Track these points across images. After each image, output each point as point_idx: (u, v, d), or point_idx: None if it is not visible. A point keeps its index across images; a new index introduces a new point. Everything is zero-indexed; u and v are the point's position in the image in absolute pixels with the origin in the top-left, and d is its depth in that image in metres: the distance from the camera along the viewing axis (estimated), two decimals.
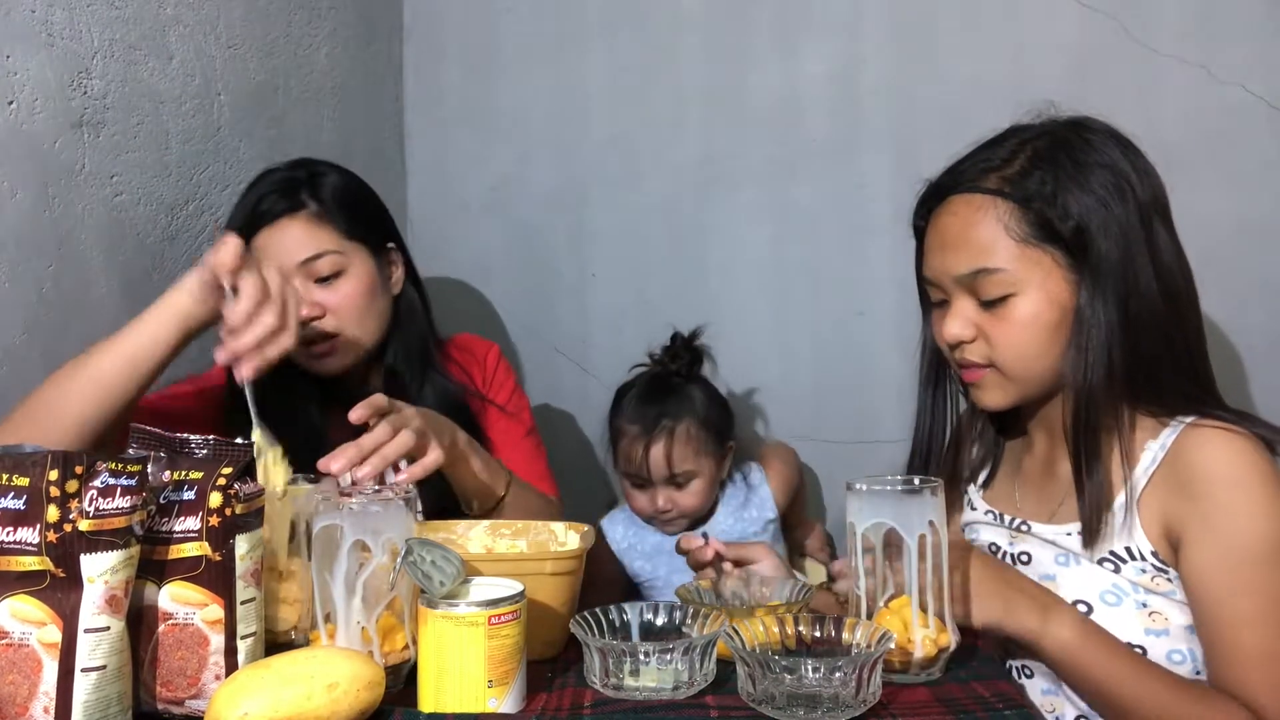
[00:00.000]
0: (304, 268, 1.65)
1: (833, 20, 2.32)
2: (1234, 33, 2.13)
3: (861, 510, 1.24)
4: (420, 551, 1.12)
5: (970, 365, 1.38)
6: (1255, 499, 1.26)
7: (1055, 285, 1.33)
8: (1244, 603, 1.25)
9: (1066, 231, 1.31)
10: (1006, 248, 1.32)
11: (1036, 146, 1.36)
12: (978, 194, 1.35)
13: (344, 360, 1.69)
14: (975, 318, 1.36)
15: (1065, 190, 1.31)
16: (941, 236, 1.38)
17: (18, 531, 0.99)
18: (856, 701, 1.07)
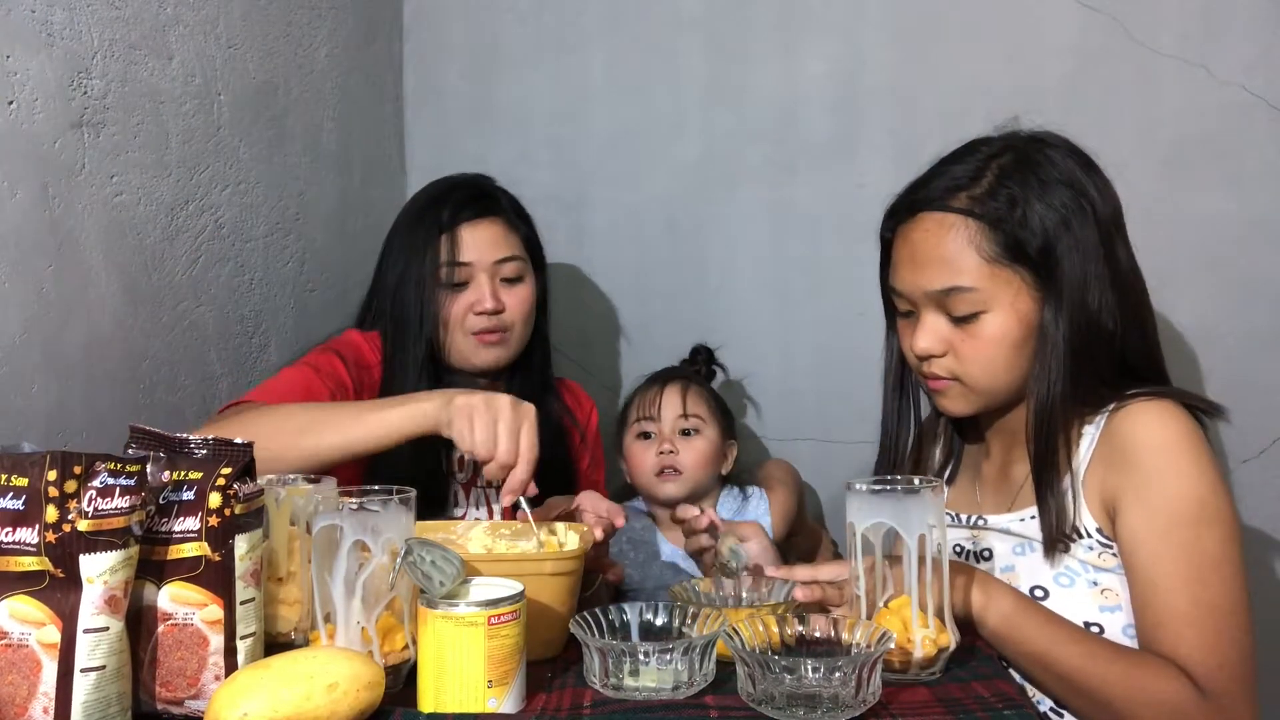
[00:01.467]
0: (496, 266, 1.82)
1: (833, 20, 2.32)
2: (1234, 33, 2.13)
3: (861, 510, 1.24)
4: (420, 551, 1.12)
5: (936, 377, 1.43)
6: (1182, 463, 1.31)
7: (1023, 304, 1.37)
8: (1173, 565, 1.29)
9: (1034, 251, 1.36)
10: (977, 267, 1.36)
11: (1002, 164, 1.40)
12: (949, 213, 1.39)
13: (504, 353, 1.84)
14: (945, 333, 1.40)
15: (1032, 210, 1.36)
16: (912, 252, 1.42)
17: (17, 532, 0.99)
18: (856, 701, 1.07)
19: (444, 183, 1.91)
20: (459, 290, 1.81)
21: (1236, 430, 2.16)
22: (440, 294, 1.80)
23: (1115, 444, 1.35)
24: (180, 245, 1.75)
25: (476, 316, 1.80)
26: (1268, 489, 2.15)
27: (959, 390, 1.43)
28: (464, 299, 1.80)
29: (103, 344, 1.58)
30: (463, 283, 1.81)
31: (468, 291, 1.81)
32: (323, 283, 2.17)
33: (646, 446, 2.01)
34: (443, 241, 1.80)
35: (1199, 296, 2.17)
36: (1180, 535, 1.29)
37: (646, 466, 2.00)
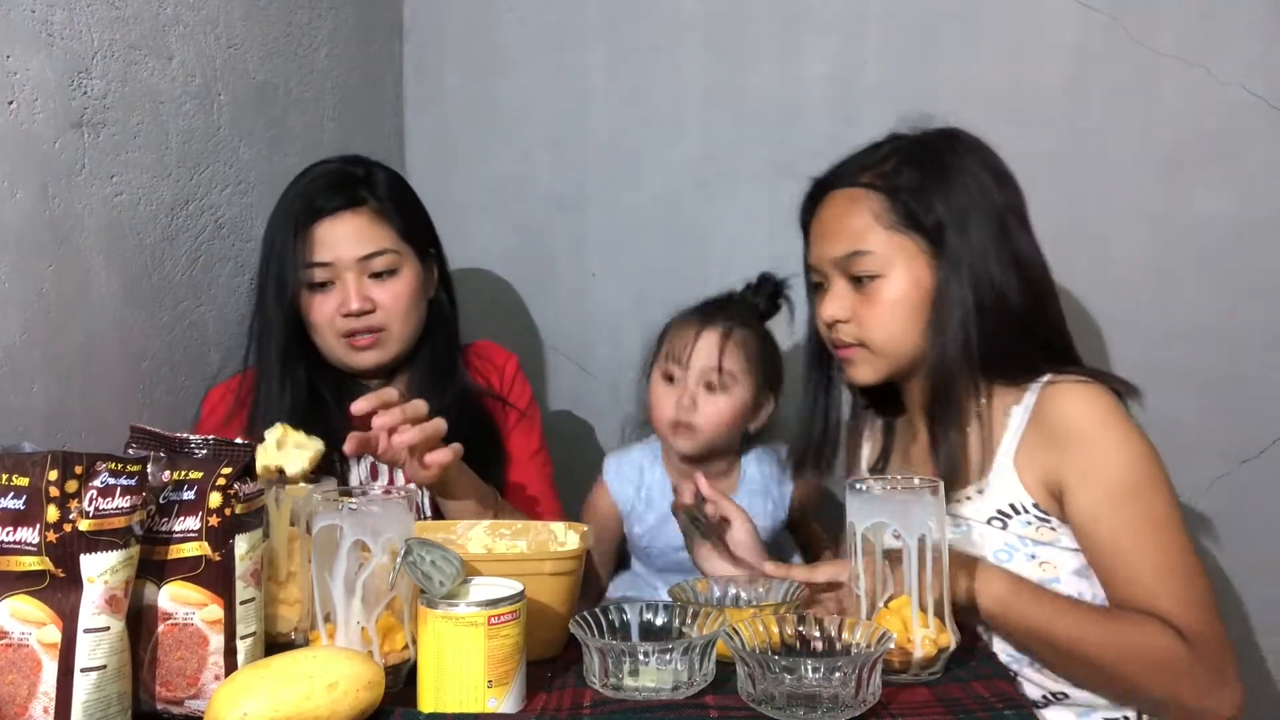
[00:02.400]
0: (361, 262, 1.69)
1: (833, 20, 2.32)
2: (1234, 33, 2.13)
3: (861, 510, 1.24)
4: (420, 551, 1.12)
5: (844, 344, 1.51)
6: (1117, 439, 1.38)
7: (919, 269, 1.46)
8: (1130, 533, 1.36)
9: (929, 223, 1.45)
10: (876, 233, 1.46)
11: (909, 151, 1.50)
12: (854, 188, 1.50)
13: (382, 355, 1.73)
14: (849, 300, 1.49)
15: (929, 187, 1.46)
16: (822, 226, 1.53)
17: (17, 531, 1.00)
18: (856, 701, 1.08)
19: (311, 170, 1.77)
20: (324, 291, 1.70)
21: (1236, 430, 2.16)
22: (306, 295, 1.70)
23: (1048, 424, 1.41)
24: (180, 245, 1.75)
25: (344, 319, 1.69)
26: (1268, 489, 2.15)
27: (864, 356, 1.50)
28: (330, 301, 1.69)
29: (103, 344, 1.58)
30: (327, 282, 1.70)
31: (333, 292, 1.69)
32: None
33: (668, 392, 1.88)
34: (302, 240, 1.68)
35: (1199, 296, 2.17)
36: (1133, 506, 1.36)
37: (663, 414, 1.88)
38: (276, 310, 1.69)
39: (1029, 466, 1.42)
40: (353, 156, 1.80)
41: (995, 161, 1.51)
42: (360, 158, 1.80)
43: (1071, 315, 2.19)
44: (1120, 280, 2.20)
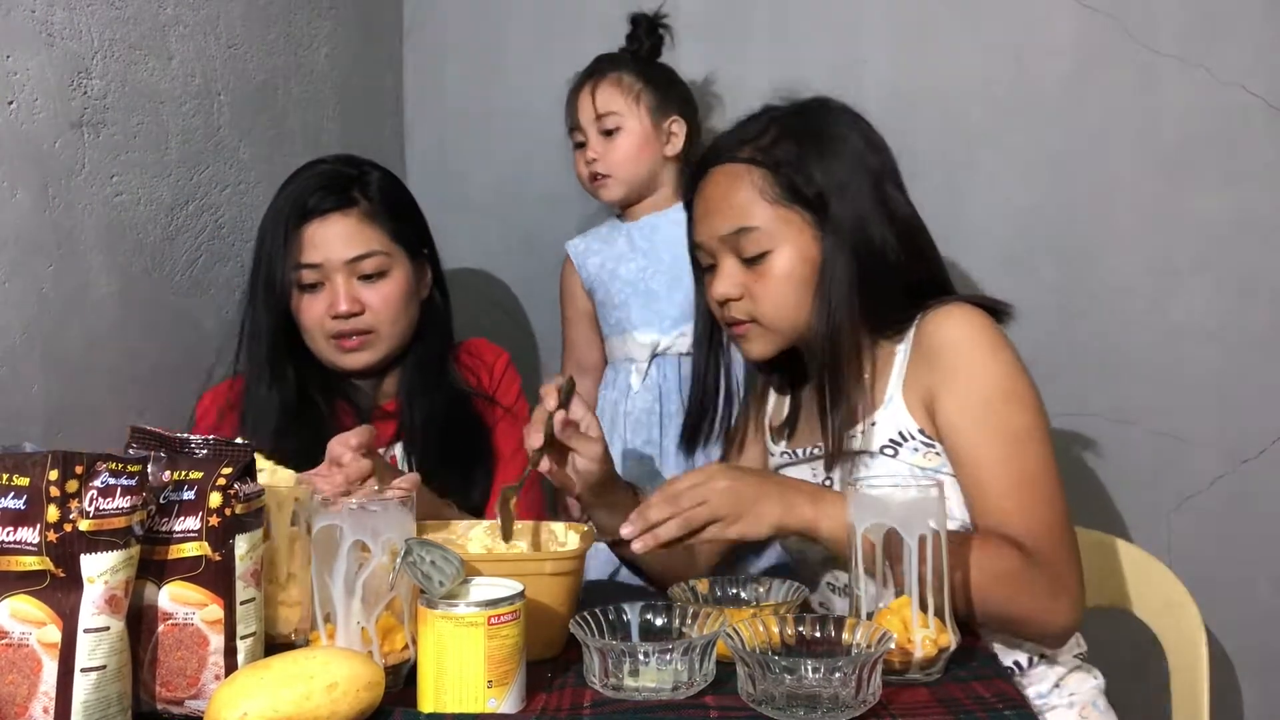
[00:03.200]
0: (351, 264, 1.69)
1: (833, 20, 2.32)
2: (1234, 33, 2.13)
3: (861, 510, 1.24)
4: (420, 552, 1.12)
5: (736, 321, 1.51)
6: (984, 351, 1.42)
7: (806, 242, 1.47)
8: (988, 445, 1.39)
9: (811, 194, 1.46)
10: (762, 209, 1.47)
11: (784, 122, 1.52)
12: (735, 163, 1.50)
13: (371, 357, 1.72)
14: (740, 277, 1.49)
15: (808, 158, 1.47)
16: (705, 204, 1.52)
17: (18, 531, 0.99)
18: (856, 702, 1.07)
19: (303, 171, 1.76)
20: (314, 292, 1.69)
21: (1236, 430, 2.16)
22: (295, 296, 1.70)
23: (924, 345, 1.45)
24: (180, 245, 1.76)
25: (334, 320, 1.69)
26: (1268, 489, 2.15)
27: (757, 332, 1.51)
28: (319, 301, 1.69)
29: (103, 344, 1.58)
30: (317, 284, 1.69)
31: (323, 294, 1.69)
32: None
33: (580, 156, 2.06)
34: (292, 242, 1.67)
35: (1199, 296, 2.17)
36: (991, 417, 1.40)
37: (582, 175, 2.08)
38: (266, 311, 1.69)
39: (912, 391, 1.46)
40: (346, 156, 1.79)
41: (867, 127, 1.54)
42: (354, 158, 1.79)
43: (1071, 315, 2.21)
44: (1120, 280, 2.20)
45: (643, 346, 2.06)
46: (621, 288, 2.10)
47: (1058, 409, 2.20)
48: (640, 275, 2.09)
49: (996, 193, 2.24)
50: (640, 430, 2.04)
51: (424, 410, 1.71)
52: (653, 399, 2.05)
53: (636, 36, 2.12)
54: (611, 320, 2.12)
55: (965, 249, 2.23)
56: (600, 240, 2.17)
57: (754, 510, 1.34)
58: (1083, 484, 2.22)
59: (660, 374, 2.06)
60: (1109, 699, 1.51)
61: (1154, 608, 1.75)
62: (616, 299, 2.10)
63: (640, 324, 2.08)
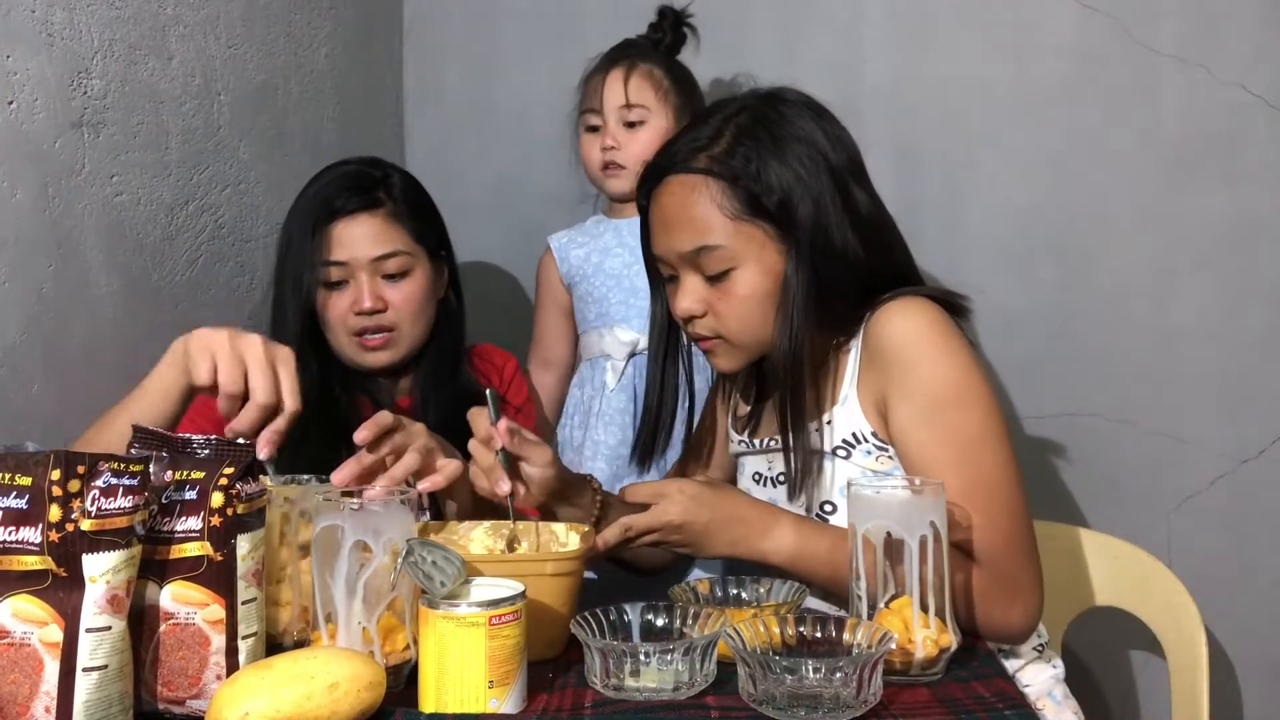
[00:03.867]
0: (375, 263, 1.73)
1: (833, 20, 2.32)
2: (1234, 33, 2.13)
3: (862, 511, 1.24)
4: (421, 552, 1.12)
5: (702, 338, 1.48)
6: (933, 351, 1.38)
7: (770, 257, 1.42)
8: (941, 449, 1.36)
9: (772, 205, 1.40)
10: (722, 225, 1.41)
11: (739, 123, 1.44)
12: (691, 174, 1.42)
13: (392, 356, 1.76)
14: (703, 293, 1.44)
15: (766, 165, 1.40)
16: (663, 216, 1.46)
17: (20, 531, 0.99)
18: (857, 702, 1.07)
19: (329, 171, 1.81)
20: (339, 289, 1.74)
21: (1236, 430, 2.17)
22: (320, 293, 1.73)
23: (874, 345, 1.42)
24: (180, 245, 1.76)
25: (357, 317, 1.73)
26: (1268, 489, 2.15)
27: (724, 348, 1.47)
28: (344, 299, 1.73)
29: (103, 344, 1.58)
30: (342, 281, 1.74)
31: (347, 291, 1.73)
32: None
33: (592, 140, 2.03)
34: (318, 239, 1.71)
35: (1199, 296, 2.17)
36: (943, 419, 1.36)
37: (592, 161, 2.05)
38: (293, 306, 1.72)
39: (865, 392, 1.43)
40: (370, 159, 1.83)
41: (828, 120, 1.47)
42: (378, 160, 1.82)
43: (1071, 315, 2.21)
44: (1120, 280, 2.20)
45: (622, 344, 2.05)
46: (604, 280, 2.09)
47: (1058, 409, 2.23)
48: (625, 270, 2.08)
49: (996, 193, 2.24)
50: (613, 429, 2.04)
51: (439, 409, 1.74)
52: (627, 399, 2.04)
53: (661, 29, 2.10)
54: (591, 315, 2.11)
55: (965, 249, 2.23)
56: (585, 234, 2.16)
57: (700, 543, 1.39)
58: (1083, 484, 2.22)
59: (636, 373, 2.04)
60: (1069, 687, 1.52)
61: (1154, 608, 1.75)
62: (598, 292, 2.09)
63: (620, 319, 2.06)
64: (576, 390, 2.12)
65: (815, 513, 1.47)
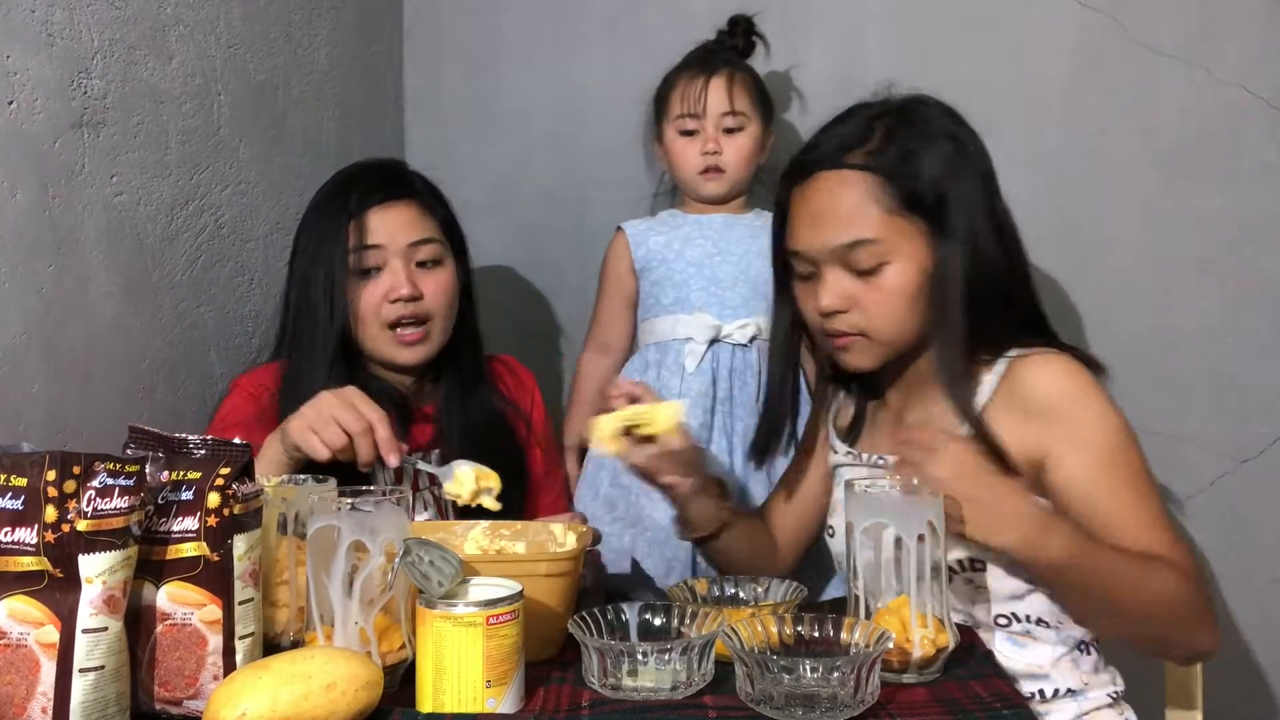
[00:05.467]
0: (411, 249, 1.71)
1: (833, 20, 2.32)
2: (1234, 33, 2.13)
3: (859, 510, 1.24)
4: (418, 551, 1.13)
5: (841, 334, 1.46)
6: (1097, 406, 1.40)
7: (921, 252, 1.42)
8: (1125, 489, 1.38)
9: (929, 200, 1.41)
10: (878, 219, 1.41)
11: (886, 122, 1.46)
12: (844, 169, 1.43)
13: (427, 350, 1.73)
14: (848, 288, 1.44)
15: (921, 162, 1.42)
16: (812, 211, 1.45)
17: (16, 532, 1.00)
18: (855, 701, 1.08)
19: (351, 168, 1.80)
20: (372, 277, 1.69)
21: (1236, 430, 2.16)
22: (352, 283, 1.69)
23: (1025, 395, 1.41)
24: (180, 245, 1.76)
25: (392, 305, 1.68)
26: (1268, 489, 2.15)
27: (864, 345, 1.46)
28: (377, 287, 1.69)
29: (103, 344, 1.58)
30: (375, 268, 1.70)
31: (381, 278, 1.69)
32: None
33: (689, 143, 2.08)
34: (351, 227, 1.68)
35: (1199, 296, 2.17)
36: (1119, 463, 1.39)
37: (689, 165, 2.09)
38: (323, 299, 1.68)
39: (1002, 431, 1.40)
40: (387, 158, 1.85)
41: (966, 125, 1.49)
42: (396, 160, 1.85)
43: (1071, 315, 2.21)
44: (1120, 280, 2.20)
45: (707, 327, 2.05)
46: (685, 267, 2.10)
47: None
48: (708, 259, 2.09)
49: None
50: (696, 412, 2.03)
51: (462, 417, 1.74)
52: (706, 382, 2.05)
53: (734, 35, 2.15)
54: (667, 299, 2.11)
55: None
56: (663, 224, 2.17)
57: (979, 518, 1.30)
58: None
59: (714, 359, 2.06)
60: None
61: None
62: (678, 277, 2.10)
63: (700, 305, 2.08)
64: (638, 375, 2.11)
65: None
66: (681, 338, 2.07)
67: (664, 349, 2.10)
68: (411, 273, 1.70)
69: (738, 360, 2.06)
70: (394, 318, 1.69)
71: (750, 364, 2.05)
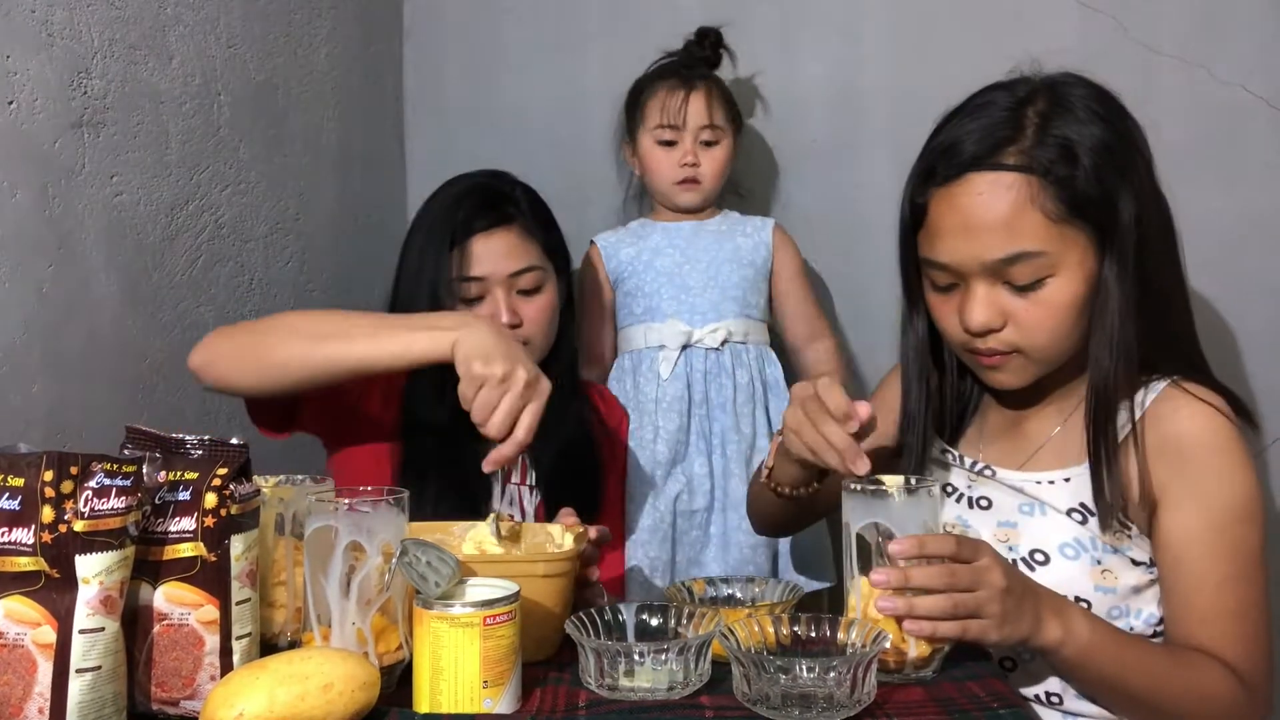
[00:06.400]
0: (511, 279, 1.72)
1: (833, 20, 2.32)
2: (1234, 33, 2.12)
3: (856, 510, 1.24)
4: (416, 552, 1.13)
5: (993, 352, 1.33)
6: (1233, 464, 1.30)
7: (1089, 262, 1.29)
8: (1225, 563, 1.29)
9: (1098, 204, 1.27)
10: (1044, 228, 1.26)
11: (1039, 110, 1.30)
12: (1000, 171, 1.27)
13: None
14: (1003, 303, 1.30)
15: (1086, 156, 1.26)
16: (963, 219, 1.28)
17: (12, 532, 1.00)
18: (851, 701, 1.07)
19: (458, 185, 1.80)
20: (474, 305, 1.73)
21: None
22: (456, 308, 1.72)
23: (1162, 434, 1.31)
24: (180, 245, 1.76)
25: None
26: (1268, 489, 2.14)
27: (1019, 363, 1.33)
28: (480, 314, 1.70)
29: (103, 344, 1.58)
30: (478, 297, 1.72)
31: (483, 306, 1.72)
32: (323, 283, 2.17)
33: (667, 154, 2.14)
34: (455, 255, 1.70)
35: (1199, 296, 2.16)
36: (1233, 534, 1.29)
37: (666, 175, 2.16)
38: None
39: (1127, 469, 1.32)
40: (495, 171, 1.81)
41: (1122, 106, 1.34)
42: (502, 173, 1.81)
43: None
44: None
45: (679, 334, 2.11)
46: (655, 277, 2.16)
47: None
48: (677, 268, 2.15)
49: None
50: (673, 415, 2.10)
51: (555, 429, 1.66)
52: (682, 386, 2.10)
53: (703, 46, 2.18)
54: (639, 309, 2.17)
55: None
56: (632, 235, 2.23)
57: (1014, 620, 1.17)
58: None
59: (688, 364, 2.12)
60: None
61: None
62: (648, 288, 2.16)
63: (672, 314, 2.13)
64: (615, 384, 2.17)
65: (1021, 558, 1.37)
66: (654, 345, 2.13)
67: (638, 357, 2.16)
68: (513, 301, 1.72)
69: (711, 363, 2.12)
70: None
71: (724, 366, 2.11)
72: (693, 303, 2.13)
